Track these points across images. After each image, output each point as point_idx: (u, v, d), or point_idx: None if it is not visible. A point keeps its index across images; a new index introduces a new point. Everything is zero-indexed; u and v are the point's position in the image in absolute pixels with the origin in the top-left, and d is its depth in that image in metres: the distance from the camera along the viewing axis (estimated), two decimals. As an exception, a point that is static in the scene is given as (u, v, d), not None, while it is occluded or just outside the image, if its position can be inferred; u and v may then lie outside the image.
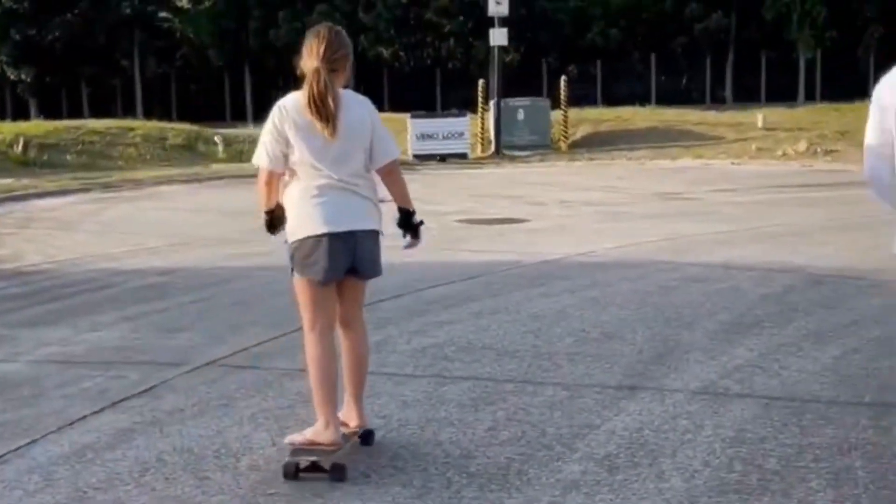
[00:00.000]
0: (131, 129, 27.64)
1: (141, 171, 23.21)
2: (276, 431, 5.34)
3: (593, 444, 5.09)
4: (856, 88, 48.32)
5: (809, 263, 10.13)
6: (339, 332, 5.11)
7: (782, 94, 50.06)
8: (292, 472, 4.74)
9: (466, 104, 33.41)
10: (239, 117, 52.94)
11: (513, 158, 26.87)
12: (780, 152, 24.83)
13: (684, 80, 60.92)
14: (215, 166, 24.60)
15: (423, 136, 27.20)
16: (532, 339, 7.29)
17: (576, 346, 7.05)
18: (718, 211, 15.02)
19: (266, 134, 4.86)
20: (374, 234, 4.98)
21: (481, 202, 16.90)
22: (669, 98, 47.67)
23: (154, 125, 29.53)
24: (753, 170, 22.70)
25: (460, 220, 14.30)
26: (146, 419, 5.64)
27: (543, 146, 28.31)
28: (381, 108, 5.52)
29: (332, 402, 4.92)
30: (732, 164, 23.93)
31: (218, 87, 57.86)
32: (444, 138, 27.17)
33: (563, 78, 30.11)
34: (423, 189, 19.47)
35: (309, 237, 4.82)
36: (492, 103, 28.25)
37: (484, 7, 29.79)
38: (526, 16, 50.19)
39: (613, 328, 7.57)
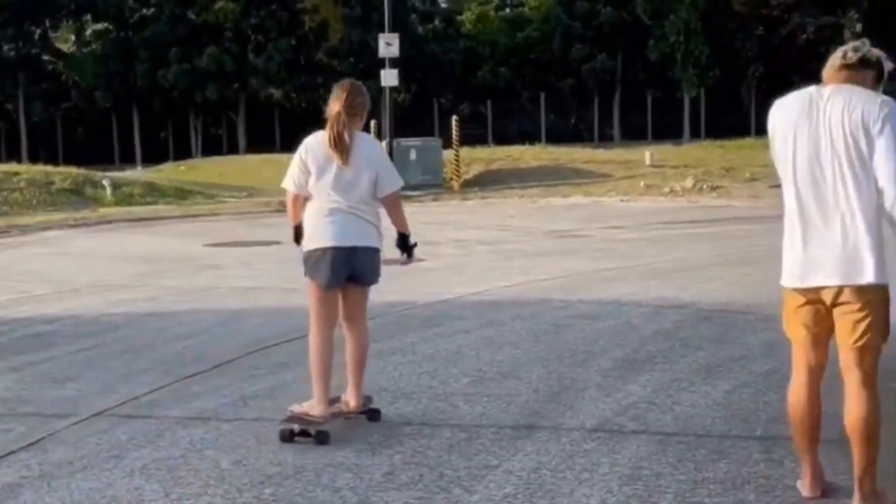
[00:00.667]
0: (16, 174, 26.95)
1: (27, 217, 22.64)
2: (169, 482, 5.22)
3: (491, 486, 5.08)
4: (739, 125, 49.68)
5: (699, 299, 10.30)
6: (344, 328, 6.27)
7: (668, 131, 51.20)
8: (287, 436, 5.88)
9: (359, 145, 33.37)
10: (128, 160, 52.20)
11: (406, 198, 26.83)
12: (667, 189, 25.34)
13: (573, 119, 61.94)
14: (103, 210, 24.14)
15: (316, 177, 27.07)
16: (428, 380, 7.26)
17: (472, 387, 7.05)
18: (609, 248, 15.23)
19: (293, 165, 6.11)
20: (371, 250, 6.16)
21: (375, 243, 16.86)
22: (559, 136, 48.45)
23: (39, 169, 28.84)
24: (642, 206, 23.11)
25: (354, 262, 14.24)
26: (34, 473, 5.46)
27: (436, 186, 28.46)
28: (272, 150, 5.56)
29: (325, 383, 6.06)
30: (622, 201, 24.33)
31: (105, 129, 56.99)
32: (336, 179, 27.06)
33: (454, 117, 30.35)
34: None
35: (317, 248, 6.05)
36: (384, 143, 28.31)
37: (375, 48, 29.92)
38: (416, 56, 50.60)
39: (509, 367, 7.59)
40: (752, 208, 20.97)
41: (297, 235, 6.15)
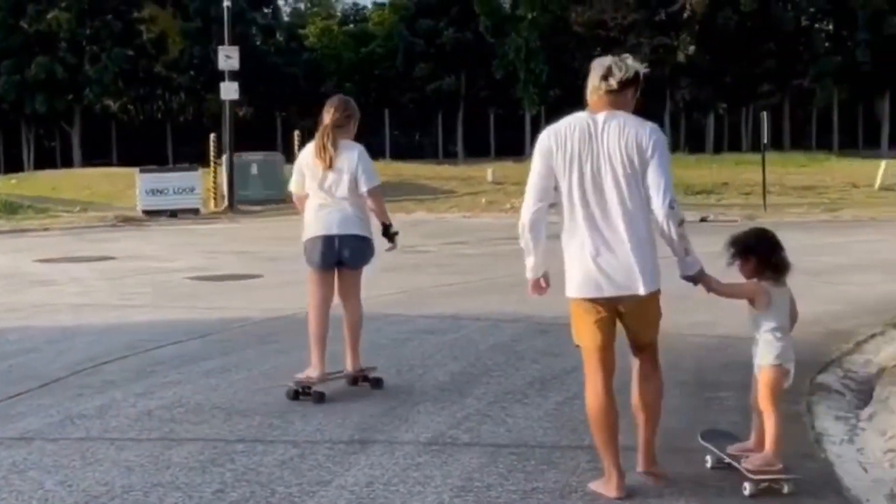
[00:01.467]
0: None
1: None
2: (-12, 506, 5.02)
3: (323, 502, 5.06)
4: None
5: (537, 312, 10.42)
6: (341, 304, 7.53)
7: (510, 148, 51.99)
8: (293, 396, 7.12)
9: (199, 158, 32.93)
10: (-45, 172, 50.12)
11: (247, 213, 26.64)
12: (508, 205, 25.63)
13: (417, 136, 62.34)
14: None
15: (153, 192, 26.58)
16: (263, 396, 7.19)
17: (308, 403, 7.00)
18: (451, 263, 15.38)
19: (295, 171, 7.52)
20: (355, 237, 7.34)
21: (213, 258, 16.63)
22: (403, 153, 48.64)
23: None
24: (484, 222, 23.38)
25: (191, 277, 14.02)
26: None
27: (278, 201, 28.18)
28: (109, 163, 5.45)
29: (321, 352, 7.30)
30: (464, 217, 24.59)
31: (-68, 140, 54.67)
32: (175, 193, 26.62)
33: (296, 132, 30.17)
34: (152, 246, 19.04)
35: (310, 238, 7.36)
36: (224, 158, 27.94)
37: (215, 61, 29.52)
38: (258, 70, 50.12)
39: (346, 382, 7.57)
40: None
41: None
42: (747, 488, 5.15)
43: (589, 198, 5.05)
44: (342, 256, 7.36)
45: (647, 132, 5.05)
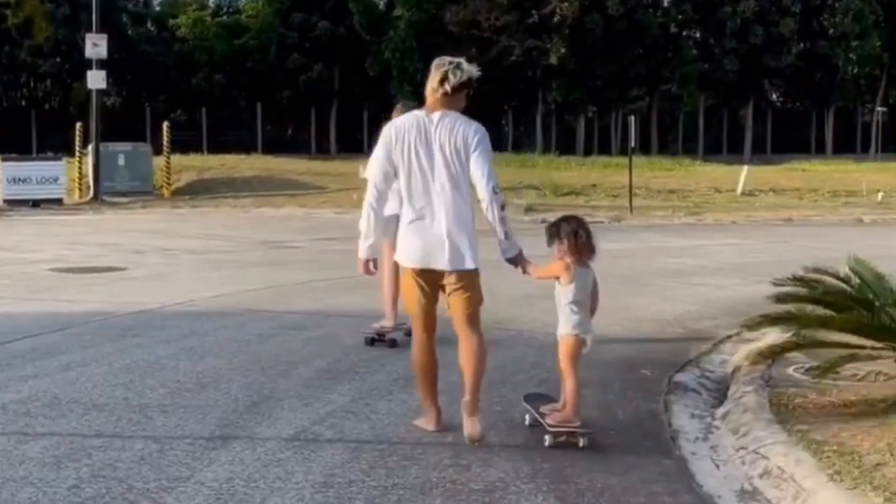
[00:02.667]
0: None
1: None
2: None
3: (182, 498, 4.99)
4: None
5: (400, 310, 10.50)
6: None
7: (383, 145, 51.83)
8: (369, 342, 8.74)
9: (65, 148, 32.11)
10: None
11: (113, 205, 26.05)
12: (379, 202, 25.63)
13: (290, 130, 61.86)
14: None
15: (16, 180, 25.85)
16: (123, 391, 7.05)
17: (169, 398, 6.90)
18: (320, 259, 15.31)
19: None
20: None
21: (76, 250, 16.24)
22: (276, 147, 48.26)
23: None
24: (355, 219, 23.04)
25: (52, 269, 13.66)
26: None
27: (146, 192, 27.69)
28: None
29: (394, 305, 8.70)
30: (336, 213, 24.48)
31: None
32: (38, 183, 25.90)
33: (165, 123, 29.65)
34: (13, 236, 18.49)
35: None
36: (90, 147, 27.29)
37: (82, 48, 28.79)
38: (127, 59, 49.09)
39: (209, 378, 7.49)
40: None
41: None
42: (547, 440, 6.01)
43: (422, 185, 5.92)
44: None
45: (472, 130, 5.92)
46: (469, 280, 6.00)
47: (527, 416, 6.42)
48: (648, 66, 54.82)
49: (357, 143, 56.54)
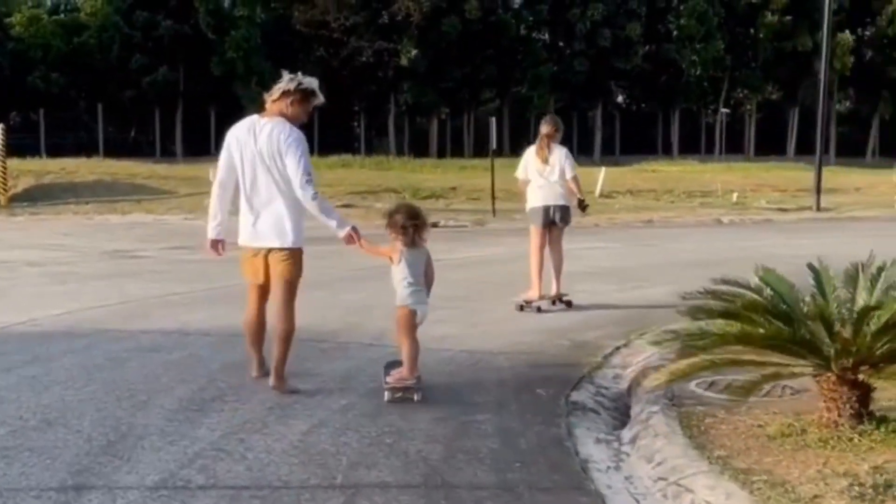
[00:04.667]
0: None
1: None
2: None
3: (29, 573, 4.17)
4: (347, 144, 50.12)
5: (271, 325, 9.71)
6: (548, 248, 11.42)
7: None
8: (519, 308, 10.89)
9: None
10: None
11: (-56, 213, 24.35)
12: (231, 207, 24.62)
13: (133, 133, 59.83)
14: None
15: None
16: (-44, 434, 6.12)
17: (11, 439, 6.01)
18: (174, 270, 14.35)
19: (521, 165, 11.36)
20: (563, 206, 11.38)
21: None
22: (118, 150, 46.48)
23: None
24: (202, 225, 22.17)
25: None
26: None
27: (-20, 199, 26.02)
28: None
29: (539, 278, 11.06)
30: (185, 219, 23.39)
31: None
32: None
33: None
34: None
35: (534, 207, 11.36)
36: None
37: None
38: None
39: (57, 413, 6.60)
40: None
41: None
42: (386, 395, 7.01)
43: (250, 176, 7.12)
44: (554, 218, 11.19)
45: (286, 134, 7.01)
46: (290, 254, 7.17)
47: (386, 394, 7.09)
48: (500, 68, 54.87)
49: (204, 145, 55.05)
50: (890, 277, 6.21)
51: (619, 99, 65.76)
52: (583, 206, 11.47)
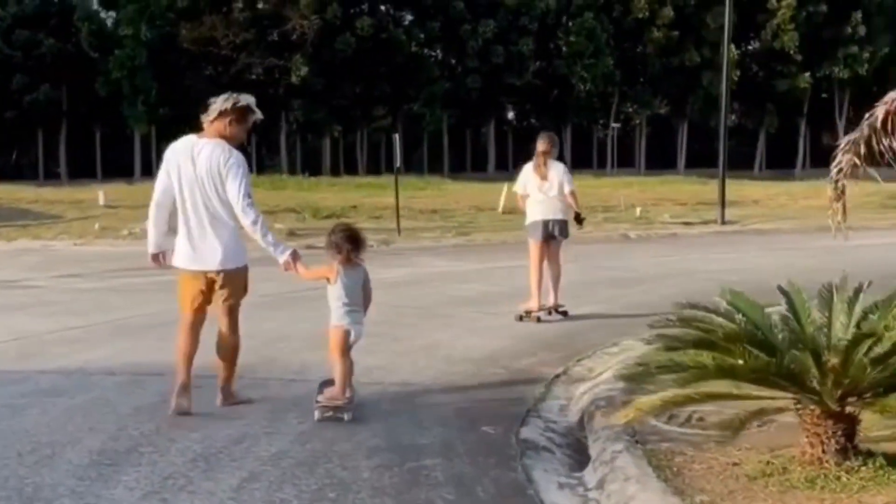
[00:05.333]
0: None
1: None
2: None
3: None
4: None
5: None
6: (547, 261, 11.62)
7: (119, 169, 49.19)
8: (518, 318, 11.28)
9: None
10: None
11: None
12: (125, 231, 23.59)
13: (14, 155, 57.78)
14: None
15: None
16: None
17: None
18: (68, 301, 13.40)
19: (519, 180, 11.76)
20: (562, 221, 11.65)
21: None
22: (0, 174, 44.66)
23: None
24: (100, 251, 21.13)
25: None
26: None
27: None
28: None
29: (539, 288, 11.38)
30: (75, 245, 22.27)
31: None
32: None
33: None
34: None
35: (532, 221, 11.67)
36: None
37: None
38: None
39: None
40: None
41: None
42: (316, 414, 7.00)
43: (189, 199, 7.02)
44: (553, 231, 11.44)
45: (227, 156, 6.94)
46: (234, 278, 7.17)
47: (316, 413, 7.07)
48: (393, 86, 54.40)
49: (89, 166, 53.41)
50: (867, 301, 5.79)
51: (510, 115, 65.81)
52: (580, 219, 11.88)
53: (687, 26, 58.99)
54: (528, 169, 11.67)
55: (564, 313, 11.54)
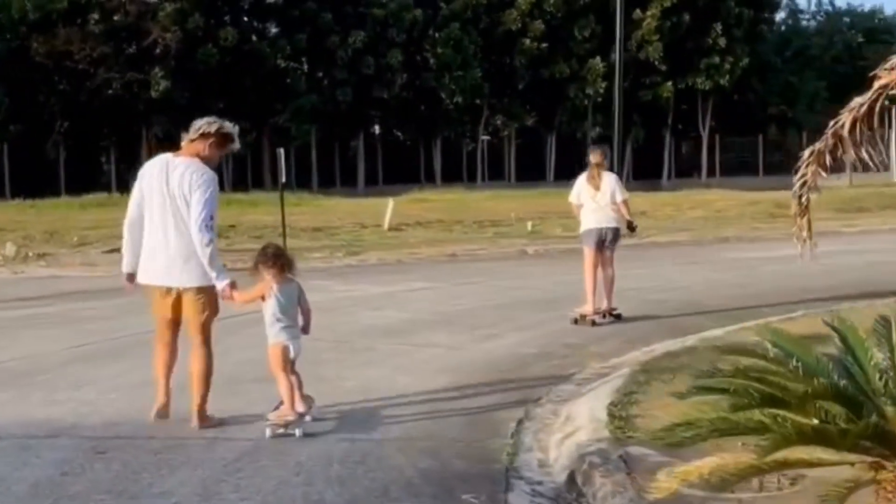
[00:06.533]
0: None
1: None
2: None
3: None
4: (48, 183, 46.43)
5: (79, 420, 7.59)
6: (601, 267, 12.34)
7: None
8: (573, 321, 11.91)
9: None
10: None
11: None
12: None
13: None
14: None
15: None
16: None
17: None
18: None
19: (574, 191, 12.44)
20: (614, 229, 12.38)
21: None
22: None
23: None
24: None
25: None
26: None
27: None
28: None
29: (594, 292, 12.12)
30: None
31: None
32: None
33: None
34: None
35: (587, 229, 12.35)
36: None
37: None
38: None
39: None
40: (88, 278, 18.18)
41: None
42: (267, 432, 6.95)
43: (159, 214, 7.09)
44: (606, 238, 12.02)
45: (199, 174, 7.02)
46: (201, 295, 7.16)
47: (267, 430, 7.03)
48: (259, 99, 52.70)
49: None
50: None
51: (376, 129, 64.70)
52: (632, 227, 12.48)
53: (556, 38, 58.77)
54: (581, 179, 12.30)
55: (618, 316, 12.10)
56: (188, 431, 7.16)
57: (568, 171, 61.26)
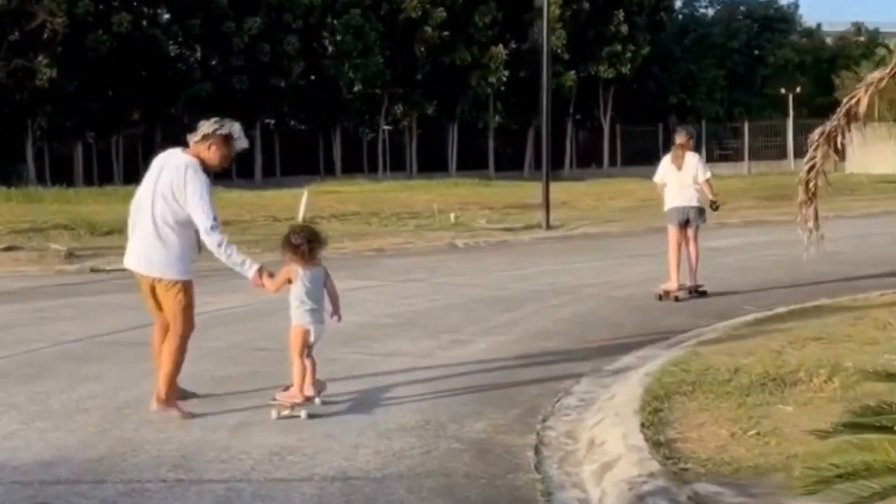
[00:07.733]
0: None
1: None
2: None
3: None
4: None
5: (5, 459, 6.27)
6: (685, 243, 12.75)
7: None
8: (658, 298, 12.26)
9: None
10: None
11: None
12: None
13: None
14: None
15: None
16: None
17: None
18: None
19: (658, 171, 12.99)
20: (697, 207, 12.80)
21: None
22: None
23: None
24: None
25: None
26: None
27: None
28: None
29: (677, 270, 12.44)
30: None
31: None
32: None
33: None
34: None
35: (672, 208, 12.90)
36: None
37: None
38: None
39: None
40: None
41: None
42: (273, 413, 7.06)
43: (148, 204, 7.27)
44: (689, 217, 12.61)
45: (191, 175, 7.18)
46: (173, 286, 7.19)
47: (272, 412, 7.03)
48: (153, 88, 50.53)
49: None
50: None
51: (271, 120, 62.88)
52: (715, 206, 12.90)
53: (458, 26, 57.76)
54: (666, 160, 12.77)
55: (704, 293, 12.44)
56: (149, 472, 5.90)
57: (470, 161, 60.63)
